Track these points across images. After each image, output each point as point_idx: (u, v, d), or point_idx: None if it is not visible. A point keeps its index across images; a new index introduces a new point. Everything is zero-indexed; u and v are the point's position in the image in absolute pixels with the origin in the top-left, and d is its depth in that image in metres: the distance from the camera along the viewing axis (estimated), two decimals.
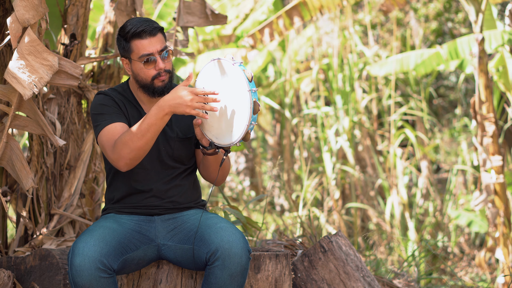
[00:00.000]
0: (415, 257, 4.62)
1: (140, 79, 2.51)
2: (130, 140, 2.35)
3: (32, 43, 2.75)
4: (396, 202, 7.38)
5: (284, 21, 7.05)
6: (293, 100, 8.64)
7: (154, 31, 2.47)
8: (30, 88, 2.71)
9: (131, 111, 2.56)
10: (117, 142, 2.39)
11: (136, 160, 2.40)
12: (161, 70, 2.48)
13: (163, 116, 2.35)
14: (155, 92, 2.51)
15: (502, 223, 5.59)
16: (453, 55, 6.54)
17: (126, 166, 2.40)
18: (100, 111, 2.50)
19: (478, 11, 5.60)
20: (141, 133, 2.35)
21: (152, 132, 2.35)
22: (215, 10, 3.83)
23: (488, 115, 5.56)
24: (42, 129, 2.94)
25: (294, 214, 7.43)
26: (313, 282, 3.07)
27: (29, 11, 2.76)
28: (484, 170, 5.61)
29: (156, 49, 2.46)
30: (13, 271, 3.01)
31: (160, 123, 2.35)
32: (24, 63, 2.72)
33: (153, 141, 2.38)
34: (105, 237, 2.34)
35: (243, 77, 2.29)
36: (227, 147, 2.41)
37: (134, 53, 2.48)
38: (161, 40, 2.49)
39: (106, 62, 3.92)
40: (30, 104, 2.92)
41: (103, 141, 2.44)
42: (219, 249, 2.32)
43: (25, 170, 2.91)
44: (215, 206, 3.51)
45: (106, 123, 2.46)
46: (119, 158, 2.38)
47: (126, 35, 2.48)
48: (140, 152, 2.38)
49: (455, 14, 9.27)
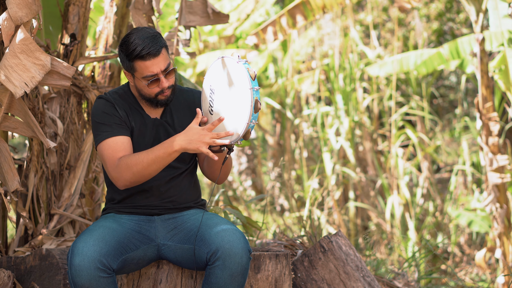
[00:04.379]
0: (415, 257, 4.62)
1: (143, 94, 2.51)
2: (135, 166, 2.38)
3: (25, 41, 2.69)
4: (396, 202, 7.38)
5: (287, 20, 7.04)
6: (294, 100, 8.65)
7: (158, 52, 2.42)
8: (22, 87, 2.66)
9: (134, 115, 2.55)
10: (121, 163, 2.40)
11: (135, 184, 2.43)
12: (165, 88, 2.48)
13: (172, 153, 2.37)
14: (158, 104, 2.52)
15: (502, 223, 5.58)
16: (454, 55, 6.54)
17: (124, 186, 2.44)
18: (101, 120, 2.49)
19: (478, 11, 5.60)
20: (147, 162, 2.37)
21: (157, 164, 2.38)
22: (216, 9, 3.82)
23: (492, 115, 5.54)
24: (33, 130, 2.87)
25: (296, 214, 7.43)
26: (313, 282, 3.07)
27: (22, 9, 2.69)
28: (490, 170, 5.58)
29: (159, 69, 2.44)
30: (13, 271, 3.01)
31: (168, 158, 2.38)
32: (16, 61, 2.67)
33: (156, 173, 2.41)
34: (105, 237, 2.34)
35: (246, 74, 2.29)
36: (230, 145, 2.41)
37: (137, 73, 2.46)
38: (164, 58, 2.44)
39: (106, 62, 3.92)
40: (21, 105, 2.85)
41: (104, 155, 2.45)
42: (219, 249, 2.32)
43: (12, 172, 2.87)
44: (215, 206, 3.51)
45: (108, 135, 2.46)
46: (120, 179, 2.41)
47: (129, 56, 2.43)
48: (142, 179, 2.41)
49: (456, 14, 9.27)
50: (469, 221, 6.83)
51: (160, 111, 2.59)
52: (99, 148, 2.48)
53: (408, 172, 7.80)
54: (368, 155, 8.27)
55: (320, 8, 6.89)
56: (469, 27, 9.13)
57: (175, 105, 2.62)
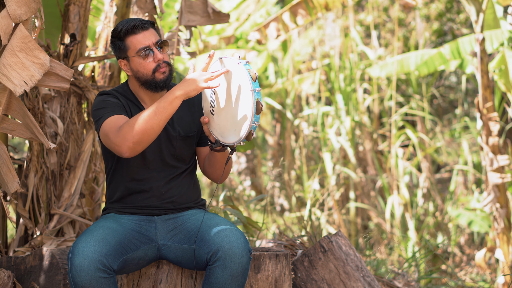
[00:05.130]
0: (415, 257, 4.62)
1: (141, 75, 2.51)
2: (137, 123, 2.31)
3: (24, 39, 2.67)
4: (396, 202, 7.38)
5: (290, 17, 7.04)
6: (294, 101, 8.65)
7: (146, 25, 2.50)
8: (21, 85, 2.63)
9: (134, 110, 2.55)
10: (123, 125, 2.35)
11: (139, 145, 2.32)
12: (160, 61, 2.49)
13: (173, 100, 2.32)
14: (158, 86, 2.51)
15: (502, 222, 5.58)
16: (455, 54, 6.53)
17: (129, 150, 2.32)
18: (102, 105, 2.48)
19: (478, 11, 5.60)
20: (149, 115, 2.31)
21: (159, 115, 2.31)
22: (216, 8, 3.82)
23: (492, 115, 5.54)
24: (31, 132, 2.82)
25: (296, 214, 7.43)
26: (313, 282, 3.07)
27: (21, 7, 2.67)
28: (491, 170, 5.58)
29: (151, 41, 2.49)
30: (13, 271, 3.01)
31: (169, 108, 2.32)
32: (15, 60, 2.65)
33: (159, 127, 2.32)
34: (105, 237, 2.34)
35: (247, 76, 2.29)
36: (232, 146, 2.41)
37: (130, 50, 2.49)
38: (154, 33, 2.52)
39: (106, 62, 3.92)
40: (20, 106, 2.81)
41: (106, 129, 2.39)
42: (220, 249, 2.33)
43: (11, 174, 2.83)
44: (215, 206, 3.51)
45: (109, 115, 2.44)
46: (123, 141, 2.31)
47: (120, 34, 2.50)
48: (145, 137, 2.31)
49: (456, 14, 9.27)
50: (469, 221, 6.83)
51: None
52: (102, 128, 2.41)
53: (408, 172, 7.80)
54: (368, 155, 8.27)
55: (323, 6, 6.89)
56: (469, 27, 9.12)
57: None
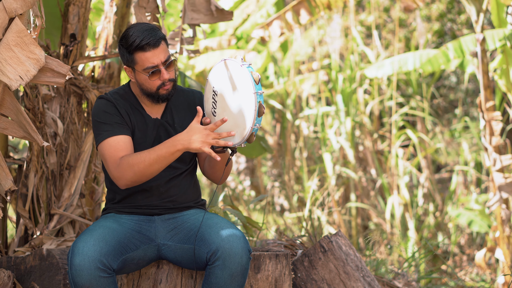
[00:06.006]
0: (415, 257, 4.62)
1: (145, 88, 2.51)
2: (137, 165, 2.37)
3: (19, 34, 2.62)
4: (396, 202, 7.38)
5: (292, 16, 7.03)
6: (295, 101, 8.65)
7: (157, 43, 2.44)
8: (17, 80, 2.59)
9: (135, 115, 2.55)
10: (122, 163, 2.39)
11: (136, 183, 2.43)
12: (166, 80, 2.48)
13: (175, 152, 2.36)
14: (160, 99, 2.52)
15: (502, 223, 5.58)
16: (459, 53, 6.53)
17: (125, 186, 2.43)
18: (102, 119, 2.49)
19: (479, 11, 5.60)
20: (149, 162, 2.37)
21: (159, 164, 2.37)
22: (219, 6, 3.79)
23: (495, 115, 5.53)
24: (25, 130, 2.76)
25: (296, 214, 7.43)
26: (313, 282, 3.07)
27: (17, 1, 2.62)
28: (495, 170, 5.56)
29: (160, 61, 2.45)
30: (13, 271, 3.01)
31: (170, 157, 2.37)
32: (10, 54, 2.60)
33: (158, 172, 2.40)
34: (105, 236, 2.34)
35: (249, 79, 2.29)
36: (233, 147, 2.41)
37: (138, 65, 2.47)
38: (164, 49, 2.47)
39: (106, 62, 3.92)
40: (13, 103, 2.76)
41: (105, 154, 2.45)
42: (219, 249, 2.33)
43: (4, 172, 2.81)
44: (215, 206, 3.51)
45: (109, 135, 2.46)
46: (121, 178, 2.40)
47: (129, 48, 2.45)
48: (143, 178, 2.41)
49: (457, 15, 9.27)
50: (469, 221, 6.83)
51: (160, 111, 2.59)
52: (100, 148, 2.47)
53: (408, 172, 7.80)
54: (369, 155, 8.27)
55: (325, 5, 6.88)
56: (470, 28, 9.12)
57: (175, 105, 2.62)
